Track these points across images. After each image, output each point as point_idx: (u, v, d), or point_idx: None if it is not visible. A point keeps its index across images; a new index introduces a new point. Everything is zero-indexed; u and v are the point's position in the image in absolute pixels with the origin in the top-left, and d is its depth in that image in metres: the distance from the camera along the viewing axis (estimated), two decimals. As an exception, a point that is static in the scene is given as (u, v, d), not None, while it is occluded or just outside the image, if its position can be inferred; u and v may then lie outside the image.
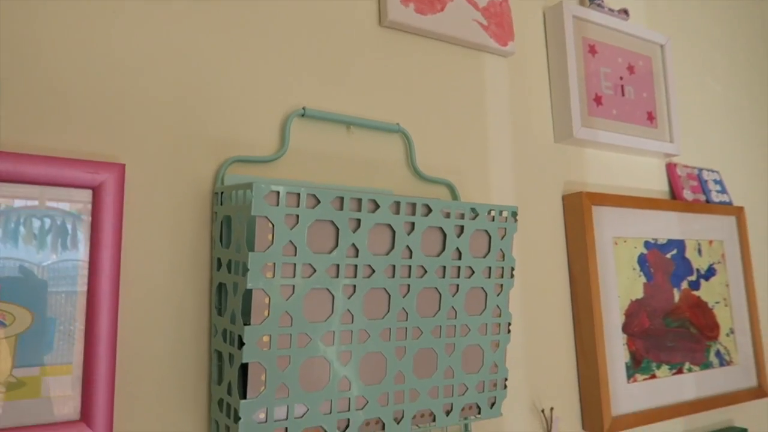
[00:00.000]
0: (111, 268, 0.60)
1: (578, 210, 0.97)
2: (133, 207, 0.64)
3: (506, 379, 0.77)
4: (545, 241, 0.96)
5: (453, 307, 0.72)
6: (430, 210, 0.70)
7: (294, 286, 0.61)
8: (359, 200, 0.65)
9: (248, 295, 0.61)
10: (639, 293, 1.03)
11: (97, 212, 0.60)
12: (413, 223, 0.68)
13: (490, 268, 0.75)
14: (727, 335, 1.14)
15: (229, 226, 0.66)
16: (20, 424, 0.55)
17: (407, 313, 0.68)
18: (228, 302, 0.62)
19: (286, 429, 0.60)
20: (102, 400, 0.58)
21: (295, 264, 0.61)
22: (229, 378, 0.61)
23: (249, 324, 0.59)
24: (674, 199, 1.13)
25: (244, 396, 0.60)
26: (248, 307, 0.60)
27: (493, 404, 0.76)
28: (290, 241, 0.60)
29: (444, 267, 0.71)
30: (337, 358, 0.63)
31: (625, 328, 0.99)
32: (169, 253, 0.65)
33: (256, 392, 0.59)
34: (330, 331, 0.63)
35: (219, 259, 0.65)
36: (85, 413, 0.58)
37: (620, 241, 1.02)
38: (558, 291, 0.96)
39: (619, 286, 1.00)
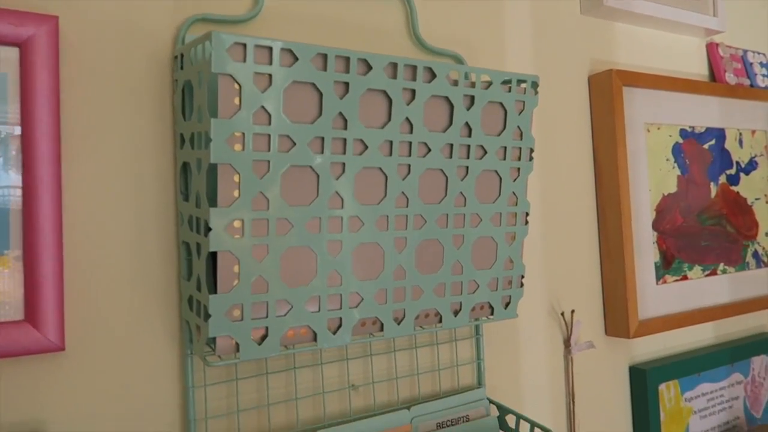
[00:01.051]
0: (48, 143, 0.50)
1: (607, 91, 0.84)
2: (74, 72, 0.53)
3: (522, 277, 0.67)
4: (568, 125, 0.85)
5: (462, 192, 0.61)
6: (434, 75, 0.58)
7: (269, 162, 0.50)
8: (347, 59, 0.53)
9: (213, 171, 0.51)
10: (672, 187, 0.92)
11: (27, 74, 0.49)
12: (414, 91, 0.57)
13: (505, 148, 0.64)
14: (767, 235, 1.04)
15: (191, 94, 0.55)
16: (-49, 323, 0.47)
17: (408, 199, 0.58)
18: (192, 183, 0.52)
19: (267, 328, 0.52)
20: (49, 298, 0.50)
21: (269, 135, 0.50)
22: (197, 271, 0.52)
23: (216, 206, 0.49)
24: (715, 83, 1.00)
25: (214, 291, 0.51)
26: (214, 186, 0.50)
27: (507, 304, 0.67)
28: (262, 107, 0.49)
29: (451, 145, 0.60)
30: (324, 248, 0.54)
31: (656, 225, 0.89)
32: (121, 127, 0.55)
33: (228, 287, 0.50)
34: (316, 217, 0.53)
35: (182, 135, 0.55)
36: (29, 313, 0.49)
37: (653, 129, 0.90)
38: (582, 181, 0.85)
39: (651, 178, 0.89)
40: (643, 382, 0.87)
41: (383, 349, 0.67)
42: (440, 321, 0.62)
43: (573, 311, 0.81)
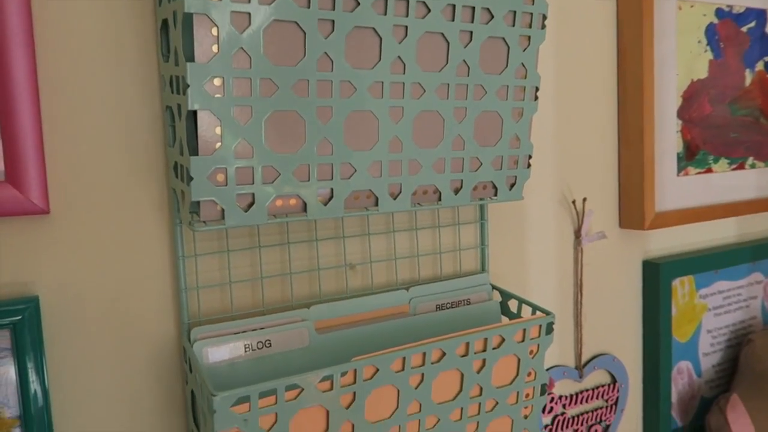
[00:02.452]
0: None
1: (636, -39, 0.77)
2: None
3: (530, 157, 0.64)
4: None
5: (465, 61, 0.57)
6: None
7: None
8: None
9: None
10: (702, 72, 0.85)
11: None
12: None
13: (514, 13, 0.59)
14: (803, 129, 0.97)
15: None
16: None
17: (404, 65, 0.54)
18: (171, 40, 0.49)
19: (253, 195, 0.50)
20: (29, 158, 0.49)
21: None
22: (179, 135, 0.50)
23: (193, 62, 0.46)
24: (760, -41, 0.90)
25: (196, 153, 0.49)
26: (190, 40, 0.47)
27: (512, 185, 0.64)
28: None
29: (453, 6, 0.55)
30: (314, 114, 0.51)
31: (681, 113, 0.83)
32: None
33: (210, 149, 0.48)
34: (304, 79, 0.50)
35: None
36: (10, 173, 0.48)
37: (685, 6, 0.82)
38: (602, 58, 0.79)
39: (679, 61, 0.82)
40: (656, 275, 0.84)
41: (382, 228, 0.65)
42: (439, 199, 0.60)
43: (585, 199, 0.77)
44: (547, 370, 0.79)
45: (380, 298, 0.63)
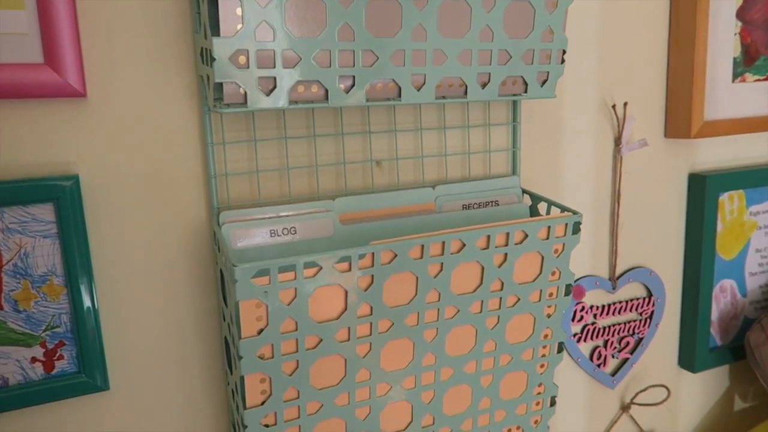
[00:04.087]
0: None
1: None
2: None
3: (564, 52, 0.61)
4: None
5: (494, -56, 0.55)
6: None
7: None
8: None
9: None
10: (769, -32, 0.78)
11: None
12: None
13: None
14: None
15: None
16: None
17: (430, -53, 0.53)
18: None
19: (275, 80, 0.51)
20: (66, 43, 0.51)
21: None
22: (203, 20, 0.51)
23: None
24: None
25: (218, 34, 0.50)
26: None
27: (544, 82, 0.62)
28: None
29: None
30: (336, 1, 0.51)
31: (741, 14, 0.77)
32: None
33: (232, 29, 0.48)
34: None
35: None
36: (48, 56, 0.51)
37: None
38: (653, -45, 0.74)
39: (743, -45, 0.76)
40: (702, 189, 0.81)
41: (410, 125, 0.65)
42: (465, 93, 0.59)
43: (626, 104, 0.74)
44: (579, 279, 0.78)
45: (406, 194, 0.64)
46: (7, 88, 0.50)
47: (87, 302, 0.55)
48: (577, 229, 0.62)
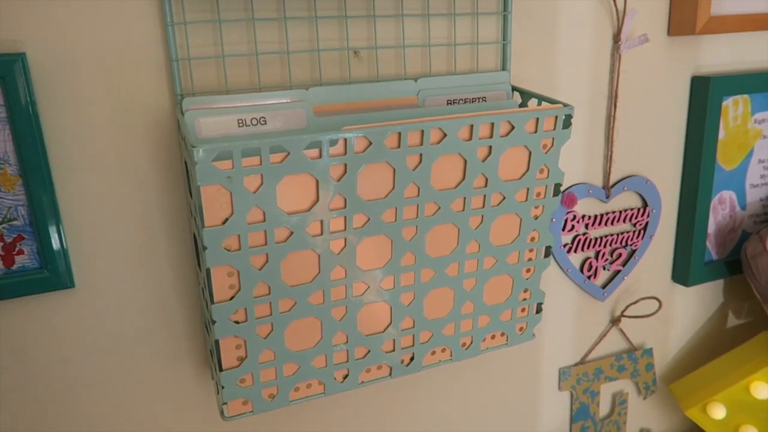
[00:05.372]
0: None
1: None
2: None
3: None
4: None
5: None
6: None
7: None
8: None
9: None
10: None
11: None
12: None
13: None
14: None
15: None
16: None
17: None
18: None
19: None
20: None
21: None
22: None
23: None
24: None
25: None
26: None
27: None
28: None
29: None
30: None
31: None
32: None
33: None
34: None
35: None
36: None
37: None
38: None
39: None
40: (705, 91, 0.76)
41: (390, 11, 0.60)
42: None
43: (627, -5, 0.69)
44: (571, 186, 0.75)
45: (385, 86, 0.60)
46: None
47: (44, 193, 0.52)
48: (567, 122, 0.58)
